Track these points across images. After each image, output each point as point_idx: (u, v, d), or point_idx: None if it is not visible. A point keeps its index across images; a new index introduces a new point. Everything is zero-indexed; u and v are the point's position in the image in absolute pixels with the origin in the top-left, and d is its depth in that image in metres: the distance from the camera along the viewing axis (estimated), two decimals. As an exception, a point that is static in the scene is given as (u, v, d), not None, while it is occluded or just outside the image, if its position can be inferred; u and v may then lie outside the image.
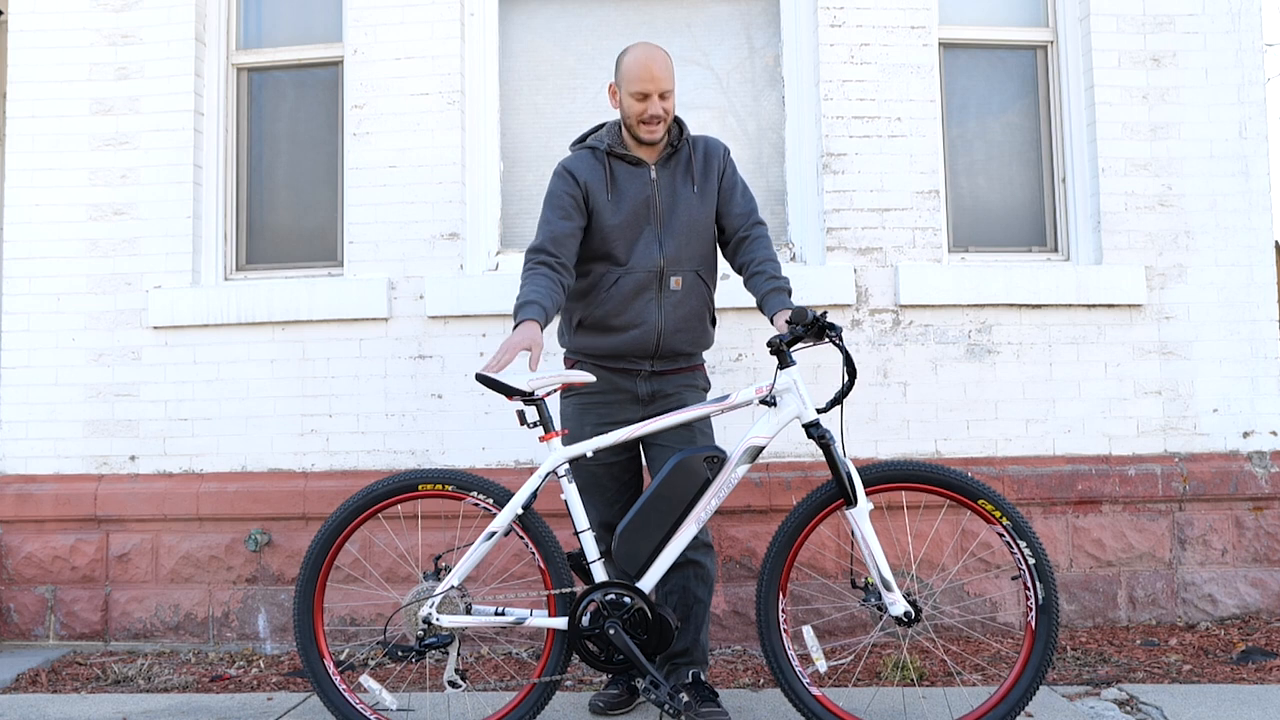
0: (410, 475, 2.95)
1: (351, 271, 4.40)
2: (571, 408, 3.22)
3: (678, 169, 3.20)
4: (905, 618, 2.76)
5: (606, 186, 3.15)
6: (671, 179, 3.19)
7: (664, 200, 3.16)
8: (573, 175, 3.15)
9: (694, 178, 3.20)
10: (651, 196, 3.16)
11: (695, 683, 3.11)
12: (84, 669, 3.97)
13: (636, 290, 3.12)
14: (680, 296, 3.14)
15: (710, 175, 3.22)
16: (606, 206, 3.13)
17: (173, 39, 4.47)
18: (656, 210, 3.15)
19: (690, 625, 3.13)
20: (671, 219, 3.16)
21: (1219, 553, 4.24)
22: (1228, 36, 4.40)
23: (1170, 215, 4.36)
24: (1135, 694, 3.33)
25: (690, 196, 3.18)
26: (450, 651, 2.88)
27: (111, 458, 4.39)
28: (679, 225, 3.16)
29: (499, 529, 2.87)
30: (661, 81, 3.07)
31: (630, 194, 3.15)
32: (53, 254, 4.46)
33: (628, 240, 3.13)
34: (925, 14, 4.41)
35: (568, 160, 3.23)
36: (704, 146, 3.26)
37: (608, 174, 3.16)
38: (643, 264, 3.12)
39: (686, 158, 3.21)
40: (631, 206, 3.14)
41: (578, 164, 3.19)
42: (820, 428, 2.82)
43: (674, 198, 3.17)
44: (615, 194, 3.15)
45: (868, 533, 2.79)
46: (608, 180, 3.15)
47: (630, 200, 3.14)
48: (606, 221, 3.13)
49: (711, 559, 3.16)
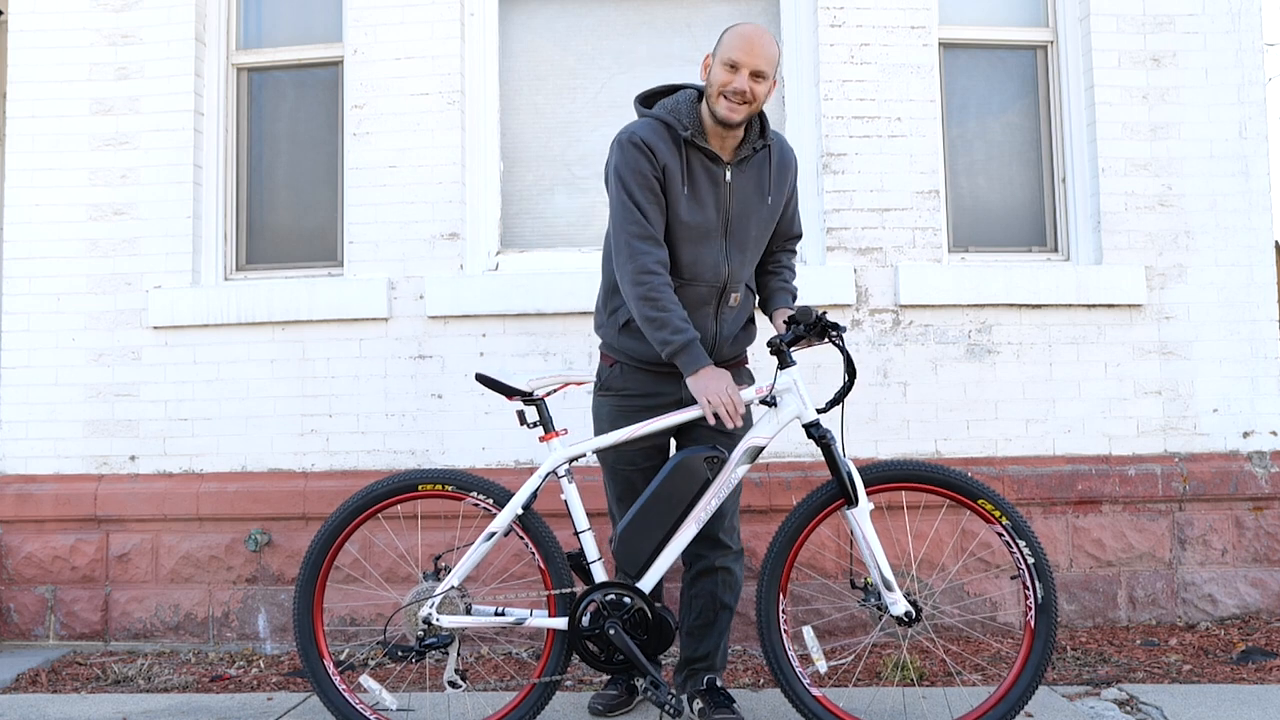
0: (410, 475, 2.95)
1: (351, 271, 4.40)
2: (607, 409, 3.06)
3: (753, 174, 2.95)
4: (906, 618, 2.75)
5: (683, 178, 2.85)
6: (745, 186, 2.94)
7: (736, 210, 2.93)
8: (652, 152, 2.82)
9: (769, 187, 2.97)
10: (723, 203, 2.92)
11: (710, 689, 3.09)
12: (84, 669, 3.97)
13: (694, 304, 2.92)
14: (736, 312, 3.03)
15: (783, 186, 3.02)
16: (680, 201, 2.86)
17: (173, 39, 4.47)
18: (728, 219, 2.93)
19: (714, 630, 3.09)
20: (741, 232, 2.95)
21: (1219, 553, 4.24)
22: (1228, 36, 4.40)
23: (1170, 215, 4.36)
24: (1135, 694, 3.33)
25: (762, 209, 2.97)
26: (450, 651, 2.88)
27: (111, 458, 4.39)
28: (747, 240, 2.96)
29: (499, 529, 2.87)
30: (758, 57, 2.77)
31: (704, 195, 2.88)
32: (53, 254, 4.46)
33: (693, 247, 2.90)
34: (925, 14, 4.41)
35: (641, 130, 2.86)
36: (779, 151, 3.01)
37: (684, 161, 2.85)
38: (706, 278, 2.92)
39: (762, 163, 2.96)
40: (704, 211, 2.89)
41: (656, 139, 2.84)
42: (820, 428, 2.81)
43: (746, 208, 2.94)
44: (691, 189, 2.87)
45: (868, 533, 2.79)
46: (684, 170, 2.85)
47: (703, 203, 2.89)
48: (678, 217, 2.87)
49: (740, 567, 3.12)
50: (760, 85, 2.80)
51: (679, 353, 2.78)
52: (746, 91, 2.78)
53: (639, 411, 2.98)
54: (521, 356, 4.28)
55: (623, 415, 3.01)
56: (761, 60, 2.78)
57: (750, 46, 2.78)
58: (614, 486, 3.13)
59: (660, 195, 2.84)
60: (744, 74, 2.77)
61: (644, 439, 2.92)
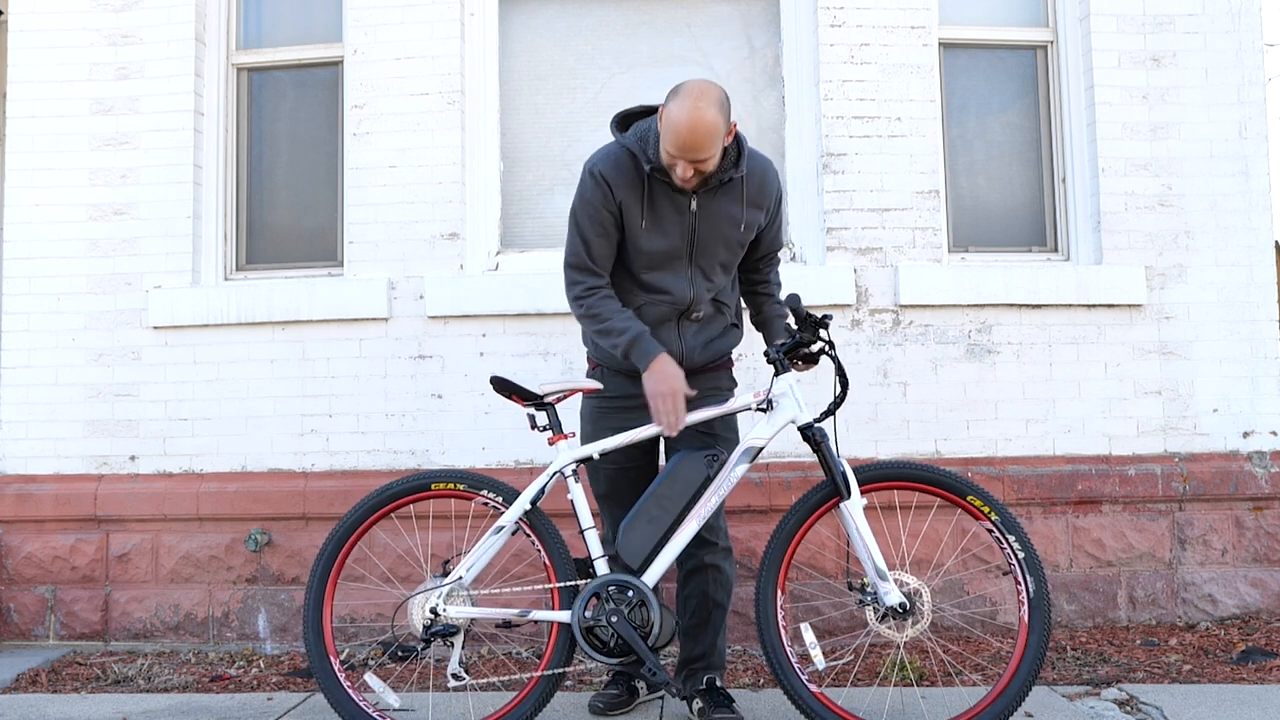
0: (424, 475, 3.00)
1: (351, 271, 4.40)
2: (590, 409, 3.16)
3: (723, 200, 2.95)
4: (900, 608, 2.78)
5: (642, 210, 2.91)
6: (714, 212, 2.95)
7: (703, 235, 2.96)
8: (609, 187, 2.89)
9: (740, 213, 2.97)
10: (689, 230, 2.95)
11: (710, 688, 3.11)
12: (84, 669, 3.97)
13: (659, 320, 3.02)
14: (700, 325, 3.08)
15: (761, 211, 3.02)
16: (639, 232, 2.93)
17: (173, 39, 4.47)
18: (693, 245, 2.97)
19: (709, 629, 3.14)
20: (707, 257, 2.99)
21: (1219, 553, 4.24)
22: (1228, 36, 4.40)
23: (1170, 215, 4.36)
24: (1135, 694, 3.33)
25: (733, 234, 2.98)
26: (455, 645, 2.90)
27: (111, 458, 4.39)
28: (714, 264, 3.01)
29: (507, 525, 2.91)
30: (698, 151, 2.74)
31: (666, 223, 2.93)
32: (53, 254, 4.45)
33: (657, 272, 2.98)
34: (925, 14, 4.41)
35: (603, 163, 2.92)
36: (760, 178, 3.00)
37: (646, 193, 2.90)
38: (669, 298, 3.00)
39: (736, 190, 2.95)
40: (666, 238, 2.94)
41: (615, 173, 2.90)
42: (814, 429, 2.88)
43: (712, 233, 2.96)
44: (651, 219, 2.92)
45: (861, 525, 2.83)
46: (645, 201, 2.91)
47: (666, 231, 2.94)
48: (637, 245, 2.95)
49: (730, 564, 3.16)
50: (707, 165, 2.79)
51: (630, 350, 2.88)
52: (690, 176, 2.80)
53: (618, 412, 3.08)
54: (521, 357, 4.28)
55: (604, 415, 3.11)
56: (699, 153, 2.74)
57: (683, 143, 2.73)
58: (597, 483, 3.17)
59: (612, 228, 2.93)
60: (683, 164, 2.78)
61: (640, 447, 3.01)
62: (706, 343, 3.10)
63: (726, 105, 2.78)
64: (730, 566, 3.16)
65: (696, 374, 3.11)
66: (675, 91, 2.77)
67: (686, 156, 2.76)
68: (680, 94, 2.75)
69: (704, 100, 2.72)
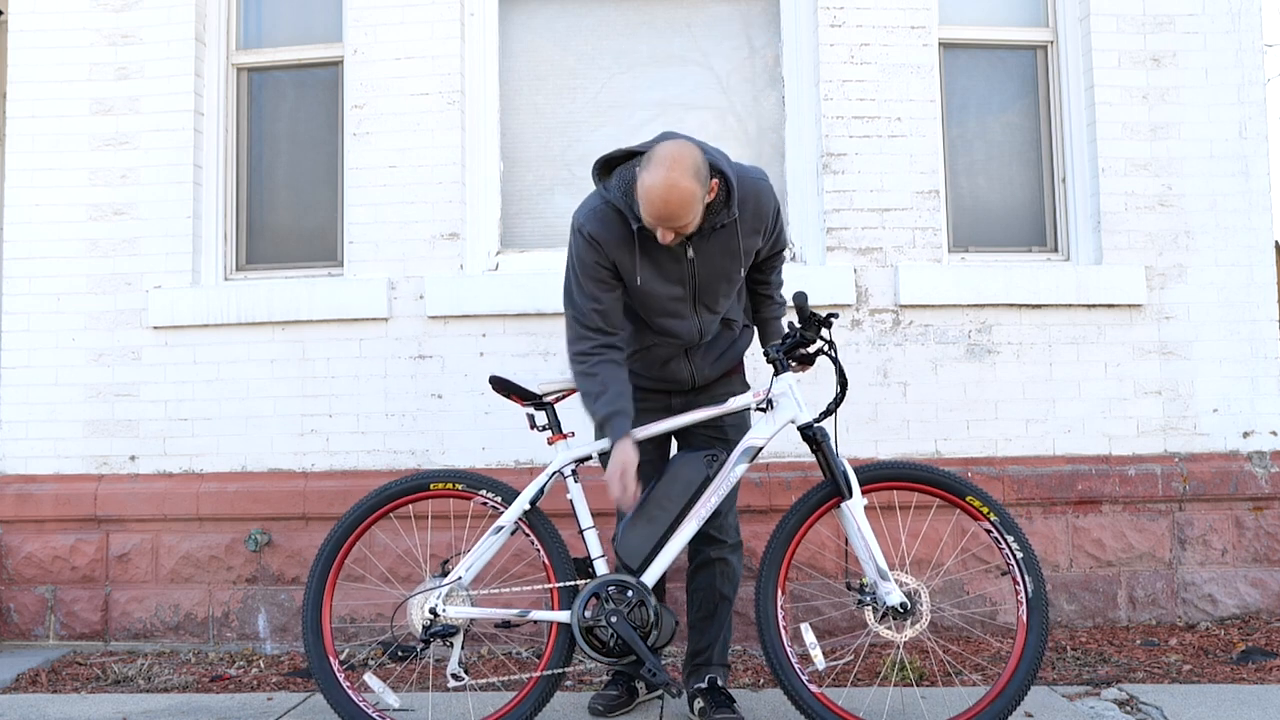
0: (422, 475, 3.01)
1: (351, 271, 4.40)
2: None
3: (719, 241, 2.90)
4: (901, 608, 2.78)
5: (636, 265, 2.88)
6: (711, 254, 2.90)
7: (703, 277, 2.93)
8: (600, 246, 2.85)
9: (737, 248, 2.91)
10: (685, 276, 2.92)
11: (711, 688, 3.12)
12: (84, 669, 3.97)
13: (667, 357, 3.08)
14: (708, 345, 3.10)
15: (756, 235, 2.95)
16: (635, 285, 2.92)
17: (173, 39, 4.47)
18: (692, 289, 2.95)
19: (714, 622, 3.17)
20: (710, 294, 2.98)
21: (1219, 553, 4.24)
22: (1228, 36, 4.40)
23: (1170, 215, 4.36)
24: (1135, 694, 3.33)
25: (732, 266, 2.94)
26: (454, 645, 2.90)
27: (111, 458, 4.39)
28: (717, 298, 3.00)
29: (506, 525, 2.92)
30: (674, 220, 2.70)
31: (664, 273, 2.91)
32: (53, 254, 4.45)
33: (661, 316, 2.99)
34: (925, 14, 4.41)
35: (590, 222, 2.87)
36: (753, 210, 2.90)
37: (637, 248, 2.86)
38: (676, 339, 3.03)
39: (732, 232, 2.89)
40: (664, 288, 2.93)
41: (604, 231, 2.85)
42: (814, 428, 2.88)
43: (712, 273, 2.93)
44: (647, 272, 2.90)
45: (863, 524, 2.83)
46: (638, 256, 2.87)
47: (665, 280, 2.92)
48: (637, 297, 2.96)
49: (738, 559, 3.20)
50: (686, 226, 2.73)
51: (603, 426, 2.88)
52: (670, 239, 2.76)
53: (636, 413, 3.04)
54: (521, 357, 4.28)
55: None
56: (675, 221, 2.70)
57: (658, 214, 2.68)
58: None
59: (610, 281, 2.90)
60: (662, 229, 2.73)
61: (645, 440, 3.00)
62: (717, 358, 3.14)
63: (703, 168, 2.70)
64: (738, 561, 3.20)
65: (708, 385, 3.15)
66: (649, 159, 2.69)
67: (663, 225, 2.72)
68: (653, 163, 2.67)
69: (677, 169, 2.65)
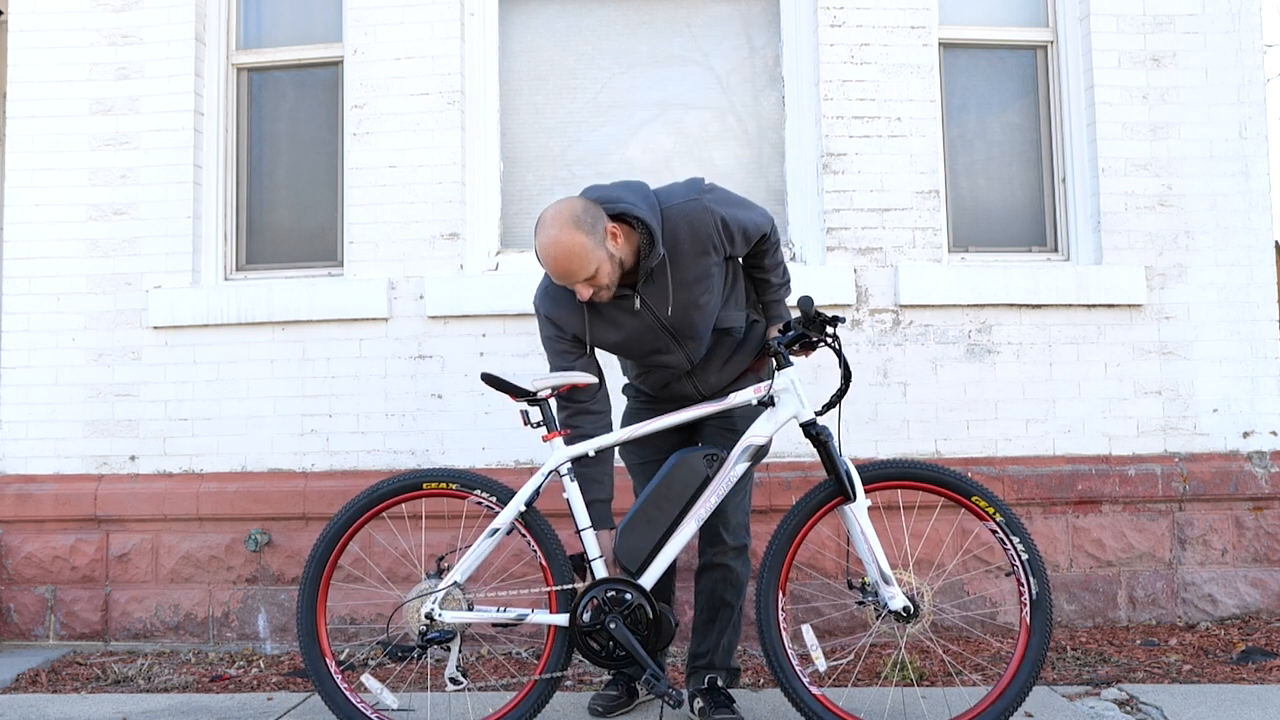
0: (415, 474, 2.98)
1: (351, 271, 4.40)
2: (626, 408, 3.27)
3: (662, 279, 2.86)
4: (904, 612, 2.77)
5: (596, 329, 2.94)
6: (663, 294, 2.88)
7: (665, 318, 2.92)
8: (555, 323, 2.95)
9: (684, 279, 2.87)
10: (650, 322, 2.93)
11: (711, 688, 3.11)
12: (84, 669, 3.97)
13: (667, 380, 3.10)
14: (708, 359, 3.07)
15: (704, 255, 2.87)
16: (603, 343, 2.99)
17: (173, 39, 4.47)
18: (663, 329, 2.95)
19: (714, 627, 3.14)
20: (682, 327, 2.95)
21: (1219, 553, 4.24)
22: (1228, 36, 4.40)
23: (1170, 215, 4.36)
24: (1135, 694, 3.33)
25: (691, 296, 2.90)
26: (452, 648, 2.89)
27: (111, 458, 4.39)
28: (692, 326, 2.95)
29: (502, 526, 2.89)
30: (575, 275, 2.73)
31: (625, 327, 2.94)
32: (53, 254, 4.45)
33: (645, 356, 3.02)
34: (925, 14, 4.41)
35: (543, 302, 2.98)
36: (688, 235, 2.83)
37: (590, 316, 2.92)
38: (670, 371, 3.05)
39: (666, 268, 2.85)
40: (635, 338, 2.96)
41: (555, 309, 2.94)
42: (817, 425, 2.86)
43: (674, 311, 2.91)
44: (608, 331, 2.95)
45: (866, 527, 2.81)
46: (592, 322, 2.93)
47: (629, 333, 2.95)
48: (612, 350, 3.04)
49: (742, 563, 3.15)
50: (599, 277, 2.75)
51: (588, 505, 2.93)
52: (590, 293, 2.79)
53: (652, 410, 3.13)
54: (521, 356, 4.28)
55: (637, 415, 3.20)
56: (579, 274, 2.72)
57: (559, 271, 2.73)
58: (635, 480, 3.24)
59: (575, 351, 2.97)
60: (578, 286, 2.77)
61: (644, 438, 3.00)
62: (723, 365, 3.10)
63: (586, 217, 2.70)
64: (742, 566, 3.15)
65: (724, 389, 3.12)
66: (537, 224, 2.75)
67: (570, 282, 2.76)
68: (539, 228, 2.73)
69: (555, 226, 2.69)
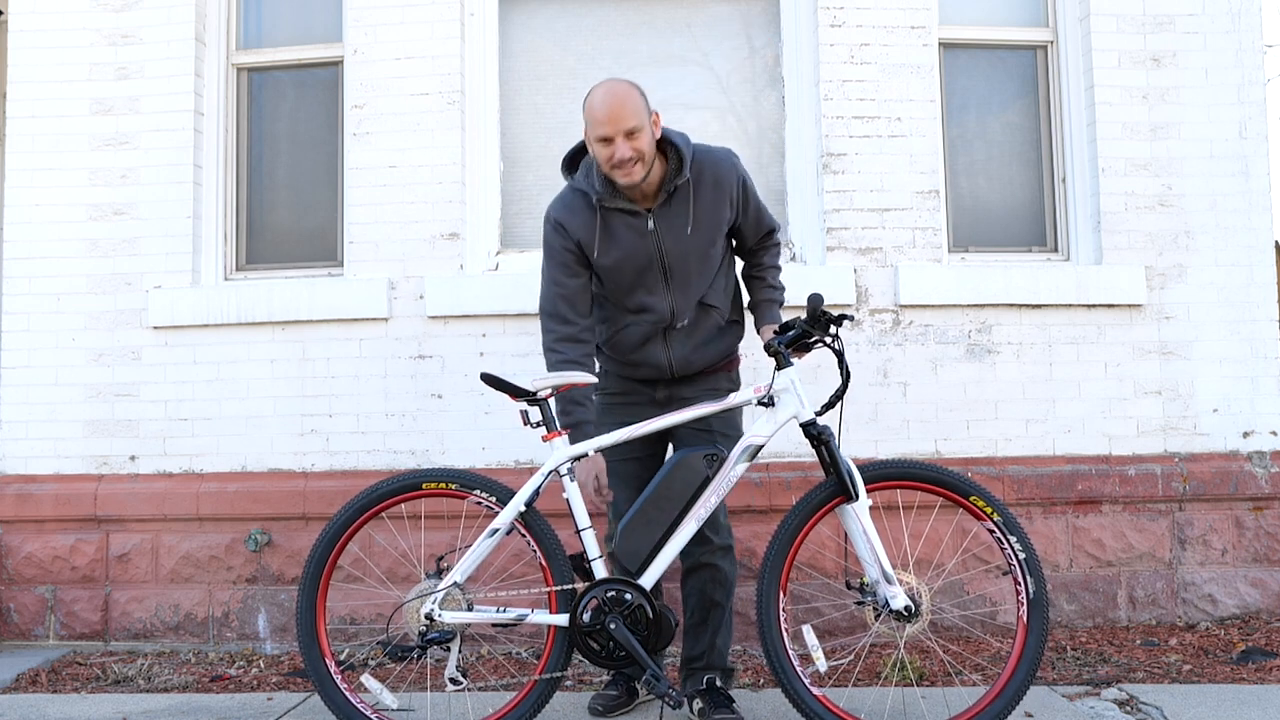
0: (414, 474, 2.97)
1: (351, 271, 4.40)
2: (599, 406, 3.22)
3: (679, 210, 2.96)
4: (906, 612, 2.77)
5: (601, 241, 2.98)
6: (673, 225, 2.97)
7: (668, 250, 2.99)
8: (565, 229, 2.99)
9: (700, 217, 2.97)
10: (652, 250, 2.99)
11: (710, 689, 3.10)
12: (84, 669, 3.97)
13: (643, 338, 3.08)
14: (687, 331, 3.09)
15: (720, 208, 3.00)
16: (602, 262, 3.00)
17: (173, 39, 4.47)
18: (661, 263, 3.00)
19: (707, 628, 3.13)
20: (678, 270, 3.01)
21: (1219, 553, 4.24)
22: (1228, 36, 4.40)
23: (1170, 215, 4.36)
24: (1135, 694, 3.33)
25: (697, 241, 2.99)
26: (452, 649, 2.88)
27: (111, 458, 4.39)
28: (687, 274, 3.02)
29: (501, 526, 2.89)
30: (624, 120, 2.80)
31: (628, 247, 2.98)
32: (53, 254, 4.45)
33: (632, 292, 3.04)
34: (925, 14, 4.41)
35: (556, 208, 3.04)
36: (712, 178, 2.98)
37: (600, 226, 2.97)
38: (650, 315, 3.05)
39: (689, 195, 2.96)
40: (632, 262, 2.99)
41: (568, 214, 3.00)
42: (817, 426, 2.85)
43: (679, 247, 2.98)
44: (611, 248, 2.98)
45: (868, 527, 2.81)
46: (601, 234, 2.97)
47: (629, 255, 2.99)
48: (605, 275, 3.04)
49: (729, 563, 3.15)
50: (640, 139, 2.84)
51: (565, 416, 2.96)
52: (629, 155, 2.83)
53: (620, 406, 3.18)
54: (522, 356, 4.28)
55: (609, 412, 3.19)
56: (629, 119, 2.81)
57: (609, 115, 2.81)
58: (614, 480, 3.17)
59: (576, 265, 3.01)
60: (619, 142, 2.82)
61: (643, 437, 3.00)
62: (697, 347, 3.11)
63: (641, 90, 2.90)
64: (729, 565, 3.15)
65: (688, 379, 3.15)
66: (588, 92, 2.92)
67: (614, 129, 2.81)
68: (594, 87, 2.92)
69: (614, 81, 2.91)
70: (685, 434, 3.09)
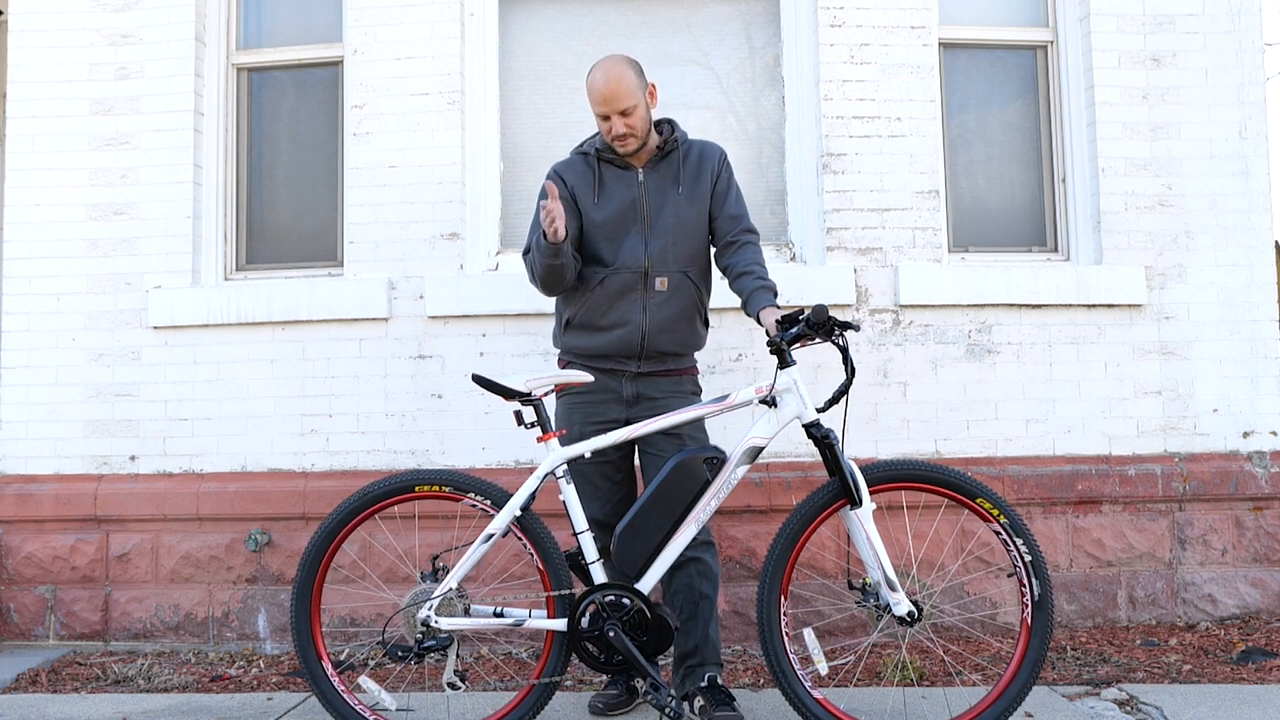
0: (407, 476, 2.95)
1: (351, 271, 4.40)
2: (562, 406, 3.26)
3: (667, 171, 3.22)
4: (909, 617, 2.76)
5: (593, 189, 3.21)
6: (660, 181, 3.21)
7: (651, 202, 3.19)
8: (561, 177, 3.24)
9: (683, 180, 3.22)
10: (638, 199, 3.18)
11: (711, 686, 3.10)
12: (84, 669, 3.97)
13: (621, 290, 3.14)
14: (665, 297, 3.15)
15: (702, 178, 3.23)
16: (592, 206, 3.19)
17: (173, 39, 4.47)
18: (643, 211, 3.18)
19: (698, 622, 3.13)
20: (658, 220, 3.17)
21: (1219, 553, 4.24)
22: (1228, 36, 4.40)
23: (1170, 215, 4.36)
24: (1135, 694, 3.33)
25: (678, 198, 3.20)
26: (449, 653, 2.88)
27: (111, 458, 4.39)
28: (666, 226, 3.17)
29: (497, 530, 2.87)
30: (618, 101, 3.06)
31: (617, 195, 3.19)
32: (53, 254, 4.46)
33: (613, 240, 3.17)
34: (925, 14, 4.41)
35: (559, 164, 3.32)
36: (699, 151, 3.27)
37: (596, 177, 3.22)
38: (628, 264, 3.14)
39: (678, 161, 3.23)
40: (618, 207, 3.18)
41: (567, 168, 3.28)
42: (821, 427, 2.83)
43: (661, 199, 3.20)
44: (602, 195, 3.20)
45: (872, 533, 2.79)
46: (595, 183, 3.21)
47: (616, 201, 3.18)
48: (592, 220, 3.18)
49: (713, 555, 3.17)
50: (634, 116, 3.10)
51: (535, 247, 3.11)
52: (624, 131, 3.10)
53: (586, 405, 3.18)
54: (522, 356, 4.28)
55: (574, 410, 3.20)
56: (623, 100, 3.07)
57: (604, 96, 3.08)
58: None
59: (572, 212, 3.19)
60: (614, 119, 3.09)
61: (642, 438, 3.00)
62: (672, 320, 3.15)
63: (638, 66, 3.16)
64: (713, 558, 3.16)
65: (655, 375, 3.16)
66: (590, 69, 3.16)
67: (610, 109, 3.07)
68: (594, 66, 3.15)
69: (612, 59, 3.13)
70: (655, 438, 3.10)
